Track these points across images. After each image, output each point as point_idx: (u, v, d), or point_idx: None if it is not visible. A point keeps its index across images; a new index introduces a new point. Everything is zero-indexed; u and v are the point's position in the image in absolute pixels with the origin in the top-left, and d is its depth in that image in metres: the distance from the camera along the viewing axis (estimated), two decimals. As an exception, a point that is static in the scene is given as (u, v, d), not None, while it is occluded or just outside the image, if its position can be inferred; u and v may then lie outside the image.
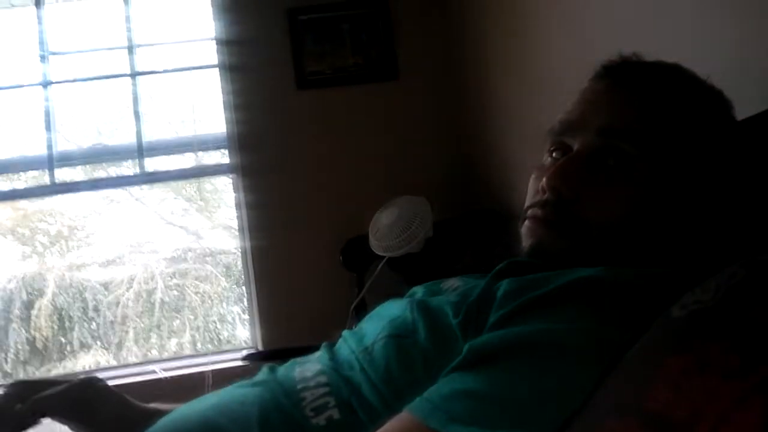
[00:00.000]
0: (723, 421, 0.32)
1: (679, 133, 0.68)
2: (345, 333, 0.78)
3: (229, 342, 4.29)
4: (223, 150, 2.40)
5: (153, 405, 0.82)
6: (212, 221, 4.50)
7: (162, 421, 0.69)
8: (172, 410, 0.76)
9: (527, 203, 0.75)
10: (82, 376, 0.77)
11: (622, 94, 0.71)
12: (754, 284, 0.40)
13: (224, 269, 4.33)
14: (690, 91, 0.71)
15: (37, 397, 0.71)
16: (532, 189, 0.75)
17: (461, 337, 0.63)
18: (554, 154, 0.74)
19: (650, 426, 0.37)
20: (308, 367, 0.71)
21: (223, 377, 1.79)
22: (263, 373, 0.73)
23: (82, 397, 0.74)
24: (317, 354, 0.76)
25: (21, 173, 2.59)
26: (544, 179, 0.70)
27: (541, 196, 0.71)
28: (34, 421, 0.72)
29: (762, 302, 0.38)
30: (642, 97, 0.70)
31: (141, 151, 2.33)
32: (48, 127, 2.29)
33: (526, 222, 0.73)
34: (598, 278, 0.59)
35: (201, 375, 2.06)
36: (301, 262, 2.23)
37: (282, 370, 0.73)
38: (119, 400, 0.78)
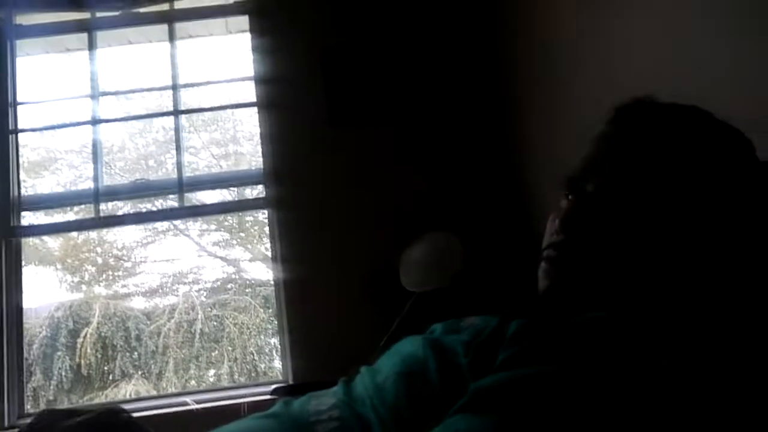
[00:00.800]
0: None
1: (683, 176, 0.67)
2: (362, 369, 0.79)
3: (266, 374, 4.30)
4: (261, 184, 2.46)
5: None
6: (252, 252, 4.58)
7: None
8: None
9: (543, 244, 0.76)
10: (106, 407, 0.78)
11: (630, 139, 0.71)
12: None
13: (263, 301, 4.38)
14: (699, 135, 0.70)
15: (62, 426, 0.73)
16: (548, 231, 0.76)
17: (470, 377, 0.63)
18: (570, 197, 0.74)
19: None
20: (323, 401, 0.72)
21: (255, 410, 1.81)
22: (278, 406, 0.75)
23: (106, 428, 0.76)
24: (334, 388, 0.77)
25: (70, 207, 2.71)
26: (557, 221, 0.71)
27: (556, 238, 0.72)
28: None
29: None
30: (648, 142, 0.70)
31: (182, 185, 2.41)
32: (95, 162, 2.40)
33: (542, 264, 0.74)
34: (606, 322, 0.59)
35: (233, 407, 2.08)
36: (332, 297, 2.24)
37: (297, 403, 0.75)
38: (140, 430, 0.80)
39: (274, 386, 2.06)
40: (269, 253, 2.46)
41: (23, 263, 2.35)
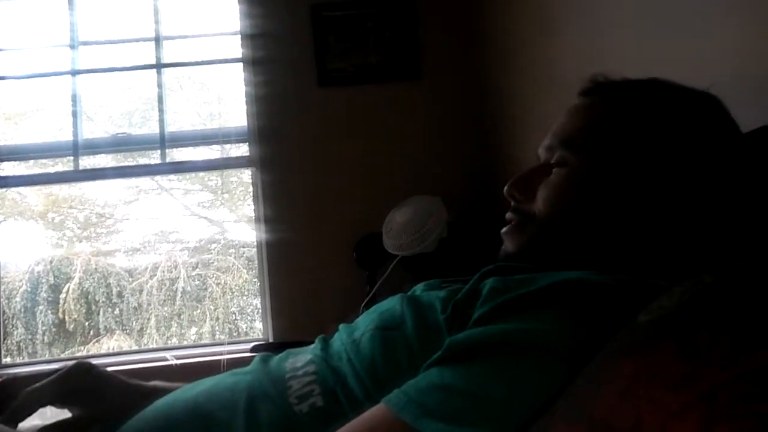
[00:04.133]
0: (661, 431, 0.31)
1: (627, 140, 0.70)
2: (341, 326, 0.79)
3: (247, 334, 4.33)
4: (246, 143, 2.43)
5: (153, 383, 0.83)
6: (236, 213, 4.55)
7: (155, 405, 0.71)
8: (171, 389, 0.77)
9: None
10: (72, 363, 0.77)
11: (577, 110, 0.76)
12: (717, 292, 0.39)
13: (246, 261, 4.38)
14: (641, 102, 0.72)
15: (29, 390, 0.71)
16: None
17: (446, 332, 0.63)
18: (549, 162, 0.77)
19: (594, 432, 0.36)
20: (299, 358, 0.73)
21: (234, 367, 1.82)
22: (255, 362, 0.75)
23: (80, 384, 0.76)
24: (311, 345, 0.77)
25: (49, 159, 2.66)
26: (505, 188, 0.77)
27: (517, 201, 0.77)
28: (30, 413, 0.71)
29: (719, 311, 0.37)
30: (592, 111, 0.74)
31: (163, 141, 2.37)
32: (75, 115, 2.35)
33: (503, 228, 0.78)
34: (580, 281, 0.59)
35: (213, 363, 2.09)
36: (315, 257, 2.25)
37: (275, 360, 0.75)
38: (117, 381, 0.79)
39: (253, 344, 2.08)
40: (253, 214, 2.44)
41: (3, 217, 2.31)
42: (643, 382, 0.36)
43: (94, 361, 0.80)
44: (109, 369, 0.80)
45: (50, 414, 0.75)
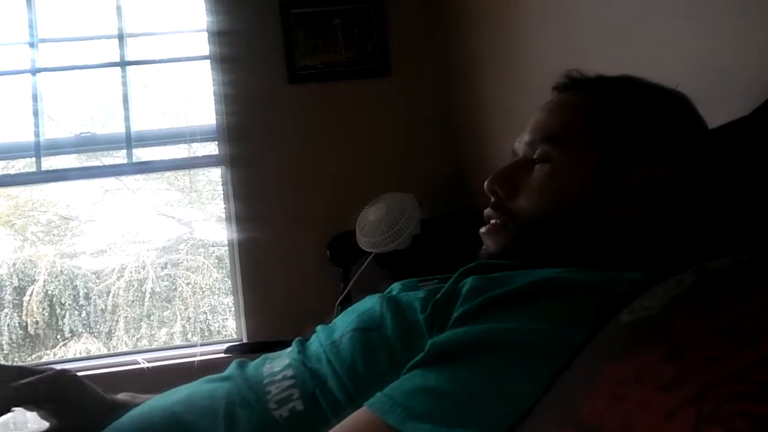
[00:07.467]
0: (653, 433, 0.32)
1: (613, 136, 0.70)
2: (318, 327, 0.78)
3: (219, 333, 4.29)
4: (214, 141, 2.39)
5: (122, 396, 0.82)
6: (205, 212, 4.49)
7: (130, 414, 0.69)
8: (143, 401, 0.76)
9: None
10: (51, 369, 0.75)
11: (559, 104, 0.75)
12: (700, 293, 0.40)
13: (216, 261, 4.33)
14: (623, 98, 0.72)
15: (11, 386, 0.70)
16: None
17: (427, 332, 0.63)
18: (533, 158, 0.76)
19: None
20: (277, 362, 0.72)
21: (207, 368, 1.79)
22: (232, 368, 0.74)
23: (54, 390, 0.74)
24: (288, 349, 0.77)
25: (9, 161, 2.58)
26: (485, 184, 0.75)
27: (498, 198, 0.76)
28: (5, 410, 0.70)
29: (703, 311, 0.38)
30: (574, 106, 0.73)
31: (129, 141, 2.32)
32: (36, 114, 2.28)
33: (483, 227, 0.77)
34: (561, 278, 0.59)
35: (185, 365, 2.06)
36: (288, 256, 2.23)
37: (252, 365, 0.74)
38: (90, 392, 0.77)
39: (227, 345, 2.05)
40: (222, 213, 2.41)
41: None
42: (632, 384, 0.36)
43: (65, 365, 0.79)
44: (80, 374, 0.79)
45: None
